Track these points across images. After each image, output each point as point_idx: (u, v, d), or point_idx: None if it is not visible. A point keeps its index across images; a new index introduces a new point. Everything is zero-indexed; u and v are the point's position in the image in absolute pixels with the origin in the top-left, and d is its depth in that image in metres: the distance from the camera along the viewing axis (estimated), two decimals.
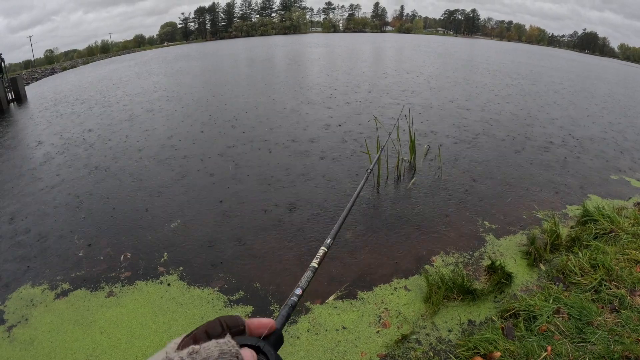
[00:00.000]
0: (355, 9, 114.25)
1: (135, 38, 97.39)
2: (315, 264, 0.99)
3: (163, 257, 4.40)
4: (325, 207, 5.47)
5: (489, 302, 3.52)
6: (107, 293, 3.87)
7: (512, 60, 33.53)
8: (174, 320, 3.44)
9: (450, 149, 7.89)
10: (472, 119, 10.41)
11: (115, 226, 5.16)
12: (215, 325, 0.55)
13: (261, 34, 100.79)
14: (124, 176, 6.85)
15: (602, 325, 2.85)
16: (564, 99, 14.49)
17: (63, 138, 9.67)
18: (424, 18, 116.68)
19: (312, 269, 0.96)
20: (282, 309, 0.82)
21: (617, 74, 32.41)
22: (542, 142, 8.67)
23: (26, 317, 3.60)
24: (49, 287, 4.00)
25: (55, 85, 23.22)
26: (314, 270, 0.96)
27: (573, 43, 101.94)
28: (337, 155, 7.47)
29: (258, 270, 4.12)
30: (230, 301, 3.67)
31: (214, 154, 7.83)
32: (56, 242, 4.84)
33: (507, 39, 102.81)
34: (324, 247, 1.09)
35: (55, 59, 75.48)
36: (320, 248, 1.09)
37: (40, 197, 6.17)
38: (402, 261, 4.20)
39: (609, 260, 3.57)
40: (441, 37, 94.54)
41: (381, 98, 13.01)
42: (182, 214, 5.37)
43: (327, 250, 1.11)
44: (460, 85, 16.26)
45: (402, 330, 3.21)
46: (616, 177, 6.75)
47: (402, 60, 29.79)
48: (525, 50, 58.77)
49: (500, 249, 4.42)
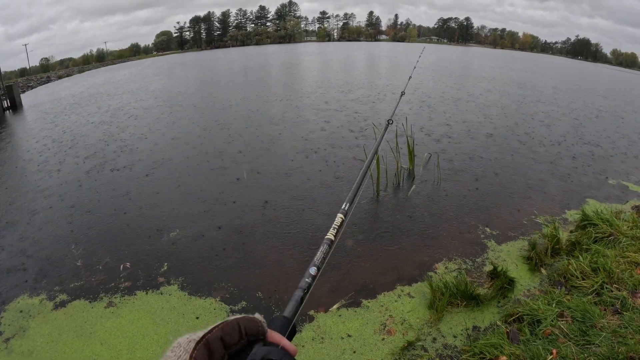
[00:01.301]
0: (350, 18, 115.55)
1: (131, 47, 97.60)
2: (332, 235, 0.85)
3: (163, 267, 4.35)
4: (328, 214, 5.46)
5: (492, 307, 3.52)
6: (106, 303, 3.81)
7: (502, 66, 33.90)
8: (176, 331, 3.39)
9: (449, 156, 7.93)
10: (469, 127, 10.48)
11: (114, 235, 5.11)
12: (232, 331, 0.50)
13: (256, 43, 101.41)
14: (120, 185, 6.81)
15: (606, 327, 2.86)
16: (558, 107, 14.63)
17: (59, 146, 9.60)
18: (418, 26, 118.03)
19: (328, 242, 0.82)
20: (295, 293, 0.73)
21: (612, 79, 32.86)
22: (539, 148, 8.75)
23: (24, 329, 3.53)
24: (47, 298, 3.94)
25: (50, 93, 23.12)
26: (330, 244, 0.82)
27: (566, 49, 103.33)
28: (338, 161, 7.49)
29: (260, 280, 4.08)
30: (233, 311, 3.64)
31: (216, 160, 7.82)
32: (53, 252, 4.77)
33: (500, 46, 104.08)
34: (340, 215, 0.93)
35: (50, 67, 75.37)
36: (337, 215, 0.92)
37: (36, 205, 6.11)
38: (405, 268, 4.19)
39: (610, 263, 3.59)
40: (434, 44, 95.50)
41: (375, 104, 13.10)
42: (182, 224, 5.34)
43: (345, 218, 0.94)
44: (455, 94, 16.40)
45: (408, 337, 3.19)
46: (613, 182, 6.81)
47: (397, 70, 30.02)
48: (520, 57, 59.49)
49: (502, 255, 4.43)
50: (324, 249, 0.80)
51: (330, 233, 0.85)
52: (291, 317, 0.64)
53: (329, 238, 0.83)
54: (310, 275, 0.73)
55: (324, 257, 0.78)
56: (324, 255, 0.78)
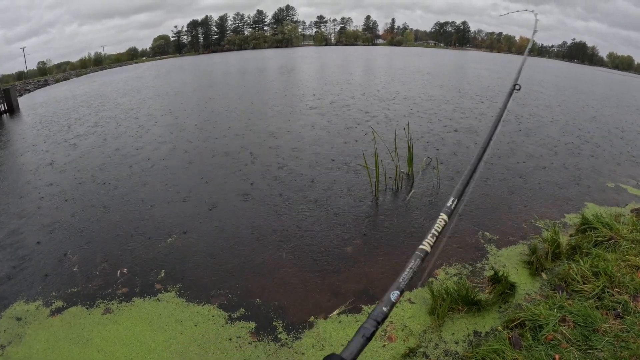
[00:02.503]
0: (347, 22, 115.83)
1: (129, 51, 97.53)
2: (427, 245, 0.65)
3: (160, 274, 4.31)
4: (331, 221, 5.44)
5: (493, 313, 3.49)
6: (103, 310, 3.77)
7: (494, 70, 34.06)
8: (174, 338, 3.35)
9: (447, 160, 7.93)
10: (468, 130, 10.50)
11: (111, 241, 5.06)
12: None
13: (253, 47, 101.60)
14: (118, 189, 6.77)
15: (608, 332, 2.84)
16: (554, 112, 14.68)
17: (55, 149, 9.55)
18: (415, 31, 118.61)
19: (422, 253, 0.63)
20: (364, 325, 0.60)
21: (609, 82, 33.05)
22: (537, 152, 8.76)
23: (20, 335, 3.48)
24: (44, 304, 3.89)
25: (47, 97, 23.05)
26: (424, 256, 0.63)
27: (562, 53, 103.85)
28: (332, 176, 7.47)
29: (259, 286, 4.04)
30: (231, 318, 3.59)
31: (214, 167, 7.79)
32: (49, 258, 4.72)
33: (497, 50, 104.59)
34: (443, 215, 0.74)
35: (48, 70, 75.15)
36: (439, 217, 0.74)
37: (33, 209, 6.06)
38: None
39: (610, 267, 3.57)
40: (431, 49, 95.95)
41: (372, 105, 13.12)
42: (180, 229, 5.30)
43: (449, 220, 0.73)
44: (453, 97, 16.45)
45: (409, 344, 3.16)
46: (612, 185, 6.81)
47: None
48: (518, 61, 59.72)
49: (502, 259, 4.41)
50: (414, 264, 0.63)
51: (426, 242, 0.67)
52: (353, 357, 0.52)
53: (423, 249, 0.66)
54: (390, 302, 0.59)
55: (412, 274, 0.61)
56: (412, 274, 0.62)
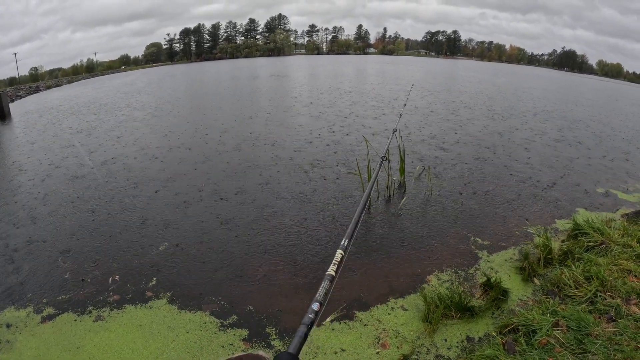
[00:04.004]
0: (339, 31, 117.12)
1: (121, 58, 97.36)
2: (332, 271, 0.83)
3: (152, 281, 4.26)
4: (327, 225, 5.43)
5: (487, 319, 3.50)
6: (95, 317, 3.70)
7: (487, 80, 34.53)
8: (165, 345, 3.31)
9: (439, 168, 7.98)
10: (458, 139, 10.59)
11: (103, 248, 5.00)
12: None
13: (245, 55, 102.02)
14: (110, 195, 6.70)
15: (601, 335, 2.85)
16: (547, 120, 14.89)
17: (46, 156, 9.43)
18: (406, 40, 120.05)
19: (329, 277, 0.81)
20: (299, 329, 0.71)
21: (597, 89, 33.64)
22: (528, 158, 8.86)
23: (10, 342, 3.41)
24: (34, 311, 3.81)
25: (39, 103, 22.85)
26: (332, 279, 0.81)
27: (552, 61, 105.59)
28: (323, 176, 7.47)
29: (251, 293, 4.01)
30: (224, 325, 3.55)
31: (206, 171, 7.76)
32: (41, 264, 4.64)
33: (487, 59, 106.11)
34: (340, 251, 0.91)
35: (40, 76, 74.69)
36: (337, 251, 0.90)
37: (22, 217, 5.96)
38: (397, 281, 4.15)
39: (602, 271, 3.60)
40: (421, 57, 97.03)
41: (365, 114, 13.19)
42: (171, 237, 5.26)
43: (344, 254, 0.91)
44: (445, 105, 16.61)
45: (402, 350, 3.15)
46: (602, 190, 6.90)
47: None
48: (508, 70, 60.66)
49: (494, 265, 4.43)
50: (325, 284, 0.78)
51: (330, 269, 0.84)
52: (296, 352, 0.64)
53: (330, 274, 0.82)
54: (313, 311, 0.72)
55: (326, 292, 0.76)
56: (326, 291, 0.77)
